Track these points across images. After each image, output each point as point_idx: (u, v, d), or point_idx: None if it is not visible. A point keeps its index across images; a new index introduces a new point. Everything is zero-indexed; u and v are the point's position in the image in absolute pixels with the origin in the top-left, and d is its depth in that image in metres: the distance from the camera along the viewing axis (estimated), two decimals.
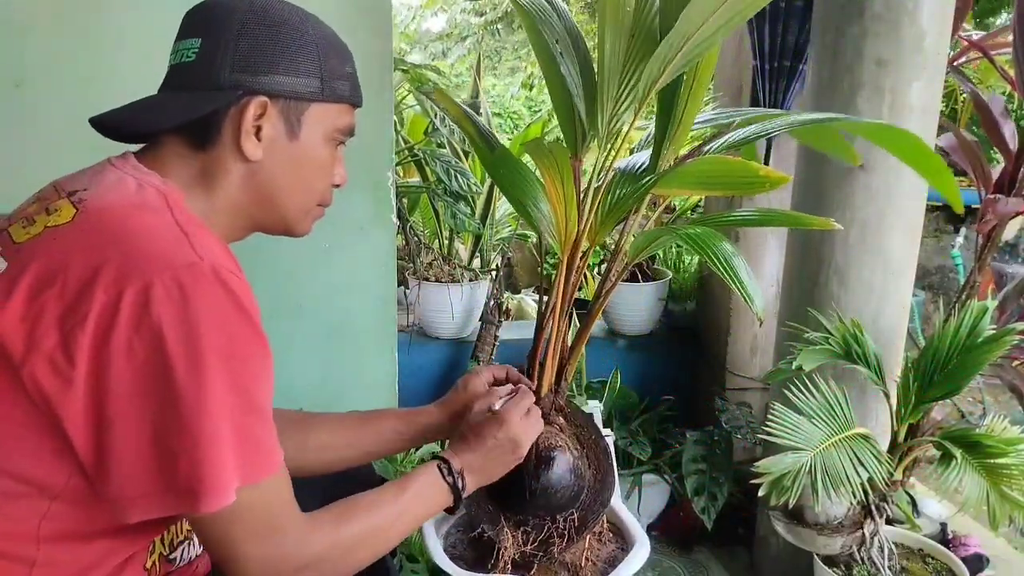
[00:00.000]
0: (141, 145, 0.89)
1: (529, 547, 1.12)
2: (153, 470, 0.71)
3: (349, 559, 0.87)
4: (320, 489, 1.17)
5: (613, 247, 1.16)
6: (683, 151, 1.09)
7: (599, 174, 1.09)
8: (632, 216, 1.14)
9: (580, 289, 2.29)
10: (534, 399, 1.10)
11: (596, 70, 1.06)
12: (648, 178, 1.04)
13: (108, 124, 0.85)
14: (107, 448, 0.71)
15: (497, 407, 1.07)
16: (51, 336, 0.69)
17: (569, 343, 1.18)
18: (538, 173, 1.06)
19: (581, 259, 1.12)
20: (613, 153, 1.09)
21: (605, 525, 1.21)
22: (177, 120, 0.83)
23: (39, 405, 0.71)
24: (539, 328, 1.15)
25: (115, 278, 0.70)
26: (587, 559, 1.15)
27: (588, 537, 1.16)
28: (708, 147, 1.07)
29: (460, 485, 0.99)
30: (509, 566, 1.12)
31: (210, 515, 0.73)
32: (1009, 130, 1.64)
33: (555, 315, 1.13)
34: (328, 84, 0.87)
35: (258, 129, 0.84)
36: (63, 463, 0.73)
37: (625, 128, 1.07)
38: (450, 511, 1.01)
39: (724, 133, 1.05)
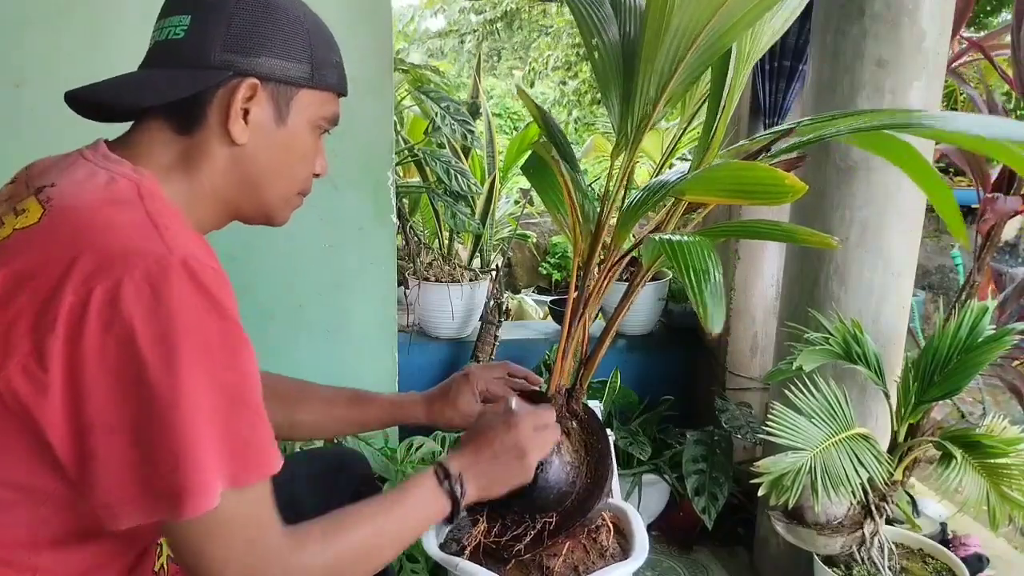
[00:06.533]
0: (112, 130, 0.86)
1: (503, 539, 1.09)
2: (136, 474, 0.69)
3: None
4: (317, 485, 1.18)
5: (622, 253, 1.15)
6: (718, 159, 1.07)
7: (619, 178, 1.08)
8: (664, 225, 1.12)
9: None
10: (554, 415, 1.08)
11: (637, 71, 1.03)
12: (670, 184, 1.02)
13: (85, 100, 0.82)
14: (88, 453, 0.69)
15: (514, 405, 1.01)
16: (25, 343, 0.67)
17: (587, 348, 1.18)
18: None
19: (601, 263, 1.11)
20: (633, 156, 1.07)
21: (611, 541, 1.19)
22: (164, 97, 0.79)
23: (18, 413, 0.69)
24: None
25: (84, 278, 0.67)
26: (571, 567, 1.13)
27: (574, 545, 1.14)
28: (760, 156, 1.04)
29: (459, 492, 0.95)
30: (468, 552, 1.10)
31: (189, 523, 0.70)
32: None
33: (565, 319, 1.13)
34: (318, 71, 0.85)
35: (246, 112, 0.82)
36: (50, 467, 0.71)
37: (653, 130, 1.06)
38: (449, 520, 0.96)
39: (782, 139, 1.02)
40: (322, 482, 1.18)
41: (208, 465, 0.69)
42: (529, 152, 1.27)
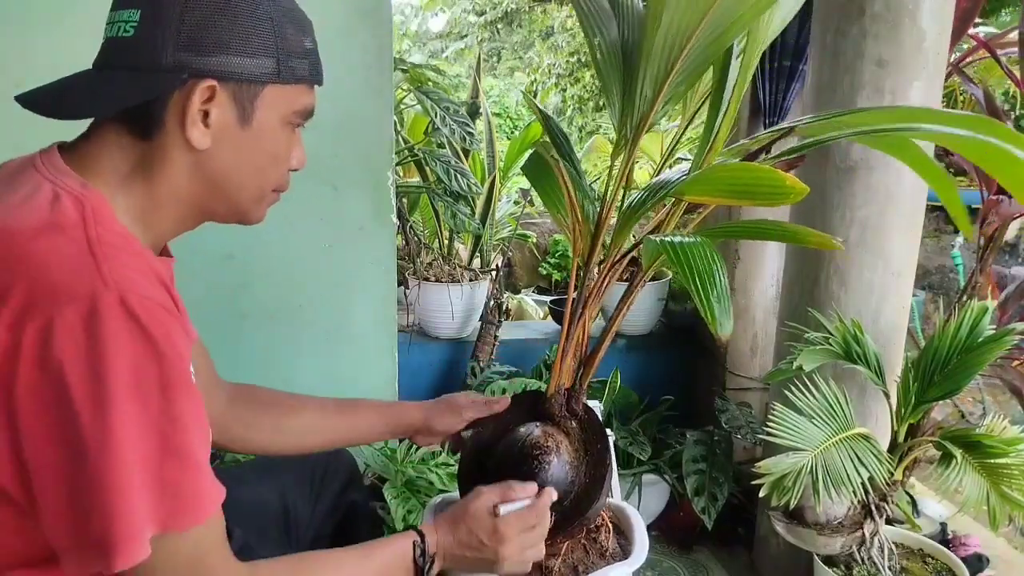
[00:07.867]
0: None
1: None
2: (71, 522, 0.66)
3: None
4: (305, 482, 1.19)
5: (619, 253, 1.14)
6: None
7: (619, 177, 1.07)
8: (664, 226, 1.11)
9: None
10: (546, 519, 1.02)
11: (636, 70, 1.02)
12: (671, 184, 1.01)
13: (39, 103, 0.78)
14: (33, 495, 0.67)
15: (502, 512, 0.97)
16: None
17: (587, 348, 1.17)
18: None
19: (600, 263, 1.11)
20: (632, 156, 1.07)
21: (612, 540, 1.18)
22: (112, 108, 0.76)
23: None
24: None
25: (16, 316, 0.64)
26: (571, 567, 1.12)
27: (573, 545, 1.14)
28: (763, 157, 1.04)
29: (427, 568, 0.93)
30: None
31: (132, 571, 0.67)
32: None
33: (565, 319, 1.13)
34: (285, 64, 0.78)
35: (205, 114, 0.76)
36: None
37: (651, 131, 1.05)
38: None
39: (782, 139, 1.01)
40: (310, 479, 1.19)
41: (137, 513, 0.66)
42: (529, 152, 1.26)
